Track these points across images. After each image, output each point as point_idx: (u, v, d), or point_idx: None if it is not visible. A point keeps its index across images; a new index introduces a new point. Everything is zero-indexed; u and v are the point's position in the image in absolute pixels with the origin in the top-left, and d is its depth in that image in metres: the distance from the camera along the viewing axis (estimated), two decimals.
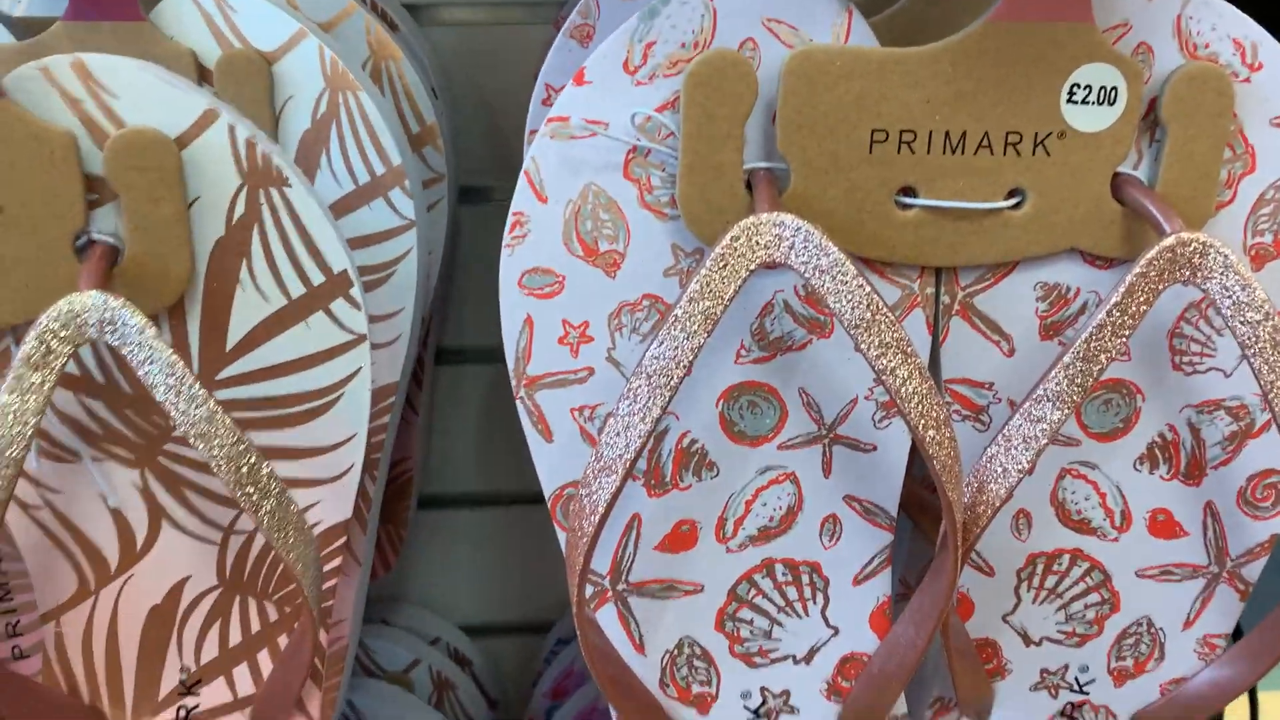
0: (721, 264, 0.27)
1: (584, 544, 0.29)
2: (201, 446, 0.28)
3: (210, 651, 0.34)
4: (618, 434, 0.28)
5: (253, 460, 0.28)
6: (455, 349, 0.61)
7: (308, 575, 0.31)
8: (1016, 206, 0.29)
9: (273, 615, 0.34)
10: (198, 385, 0.28)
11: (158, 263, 0.30)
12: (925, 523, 0.36)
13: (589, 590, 0.32)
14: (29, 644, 0.35)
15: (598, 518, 0.28)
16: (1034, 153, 0.29)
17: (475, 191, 0.57)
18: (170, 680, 0.34)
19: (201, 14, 0.36)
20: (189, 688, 0.34)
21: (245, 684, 0.34)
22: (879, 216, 0.29)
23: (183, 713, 0.34)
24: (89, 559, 0.33)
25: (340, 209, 0.36)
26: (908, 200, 0.29)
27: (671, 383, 0.27)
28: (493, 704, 0.64)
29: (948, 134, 0.29)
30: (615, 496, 0.28)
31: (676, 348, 0.27)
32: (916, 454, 0.33)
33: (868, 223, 0.29)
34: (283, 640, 0.34)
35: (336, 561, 0.33)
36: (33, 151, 0.28)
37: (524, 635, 0.67)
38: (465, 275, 0.58)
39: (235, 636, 0.34)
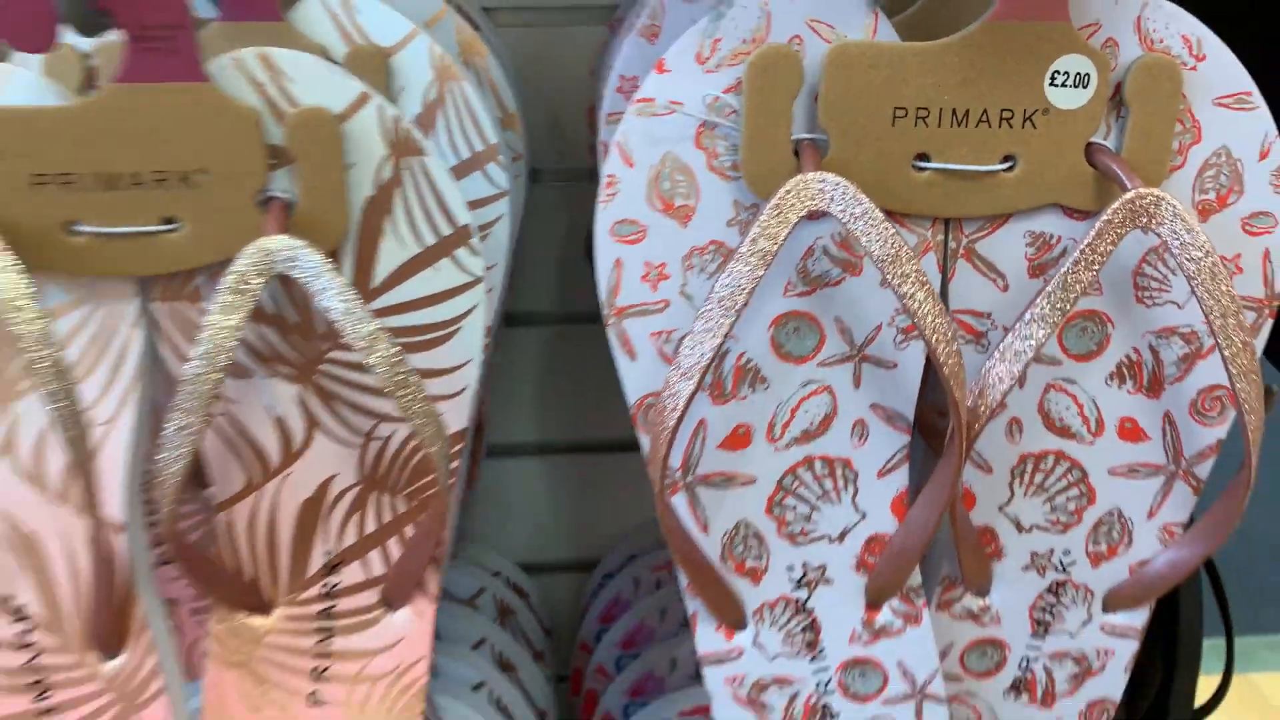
0: (776, 212, 0.34)
1: (664, 438, 0.36)
2: (367, 358, 0.35)
3: (350, 538, 0.41)
4: (693, 347, 0.35)
5: (405, 369, 0.36)
6: (509, 313, 0.69)
7: (442, 468, 0.38)
8: (1009, 169, 0.37)
9: (401, 508, 0.41)
10: (364, 308, 0.35)
11: (322, 216, 0.37)
12: (934, 442, 0.43)
13: (654, 484, 0.39)
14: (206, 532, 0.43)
15: (676, 415, 0.36)
16: (1023, 126, 0.36)
17: (530, 172, 0.64)
18: (317, 561, 0.41)
19: (330, 15, 0.43)
20: (332, 568, 0.42)
21: (377, 566, 0.42)
22: (899, 177, 0.36)
23: (326, 589, 0.42)
24: (256, 459, 0.40)
25: None
26: (922, 164, 0.36)
27: (737, 306, 0.35)
28: (547, 631, 0.71)
29: (954, 111, 0.36)
30: (691, 398, 0.35)
31: (740, 279, 0.35)
32: (928, 382, 0.40)
33: (890, 182, 0.36)
34: (408, 530, 0.42)
35: (457, 463, 0.41)
36: (229, 125, 0.36)
37: (573, 572, 0.75)
38: (519, 247, 0.66)
39: (370, 525, 0.41)
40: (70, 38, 0.43)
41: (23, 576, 0.38)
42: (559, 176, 0.66)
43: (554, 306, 0.69)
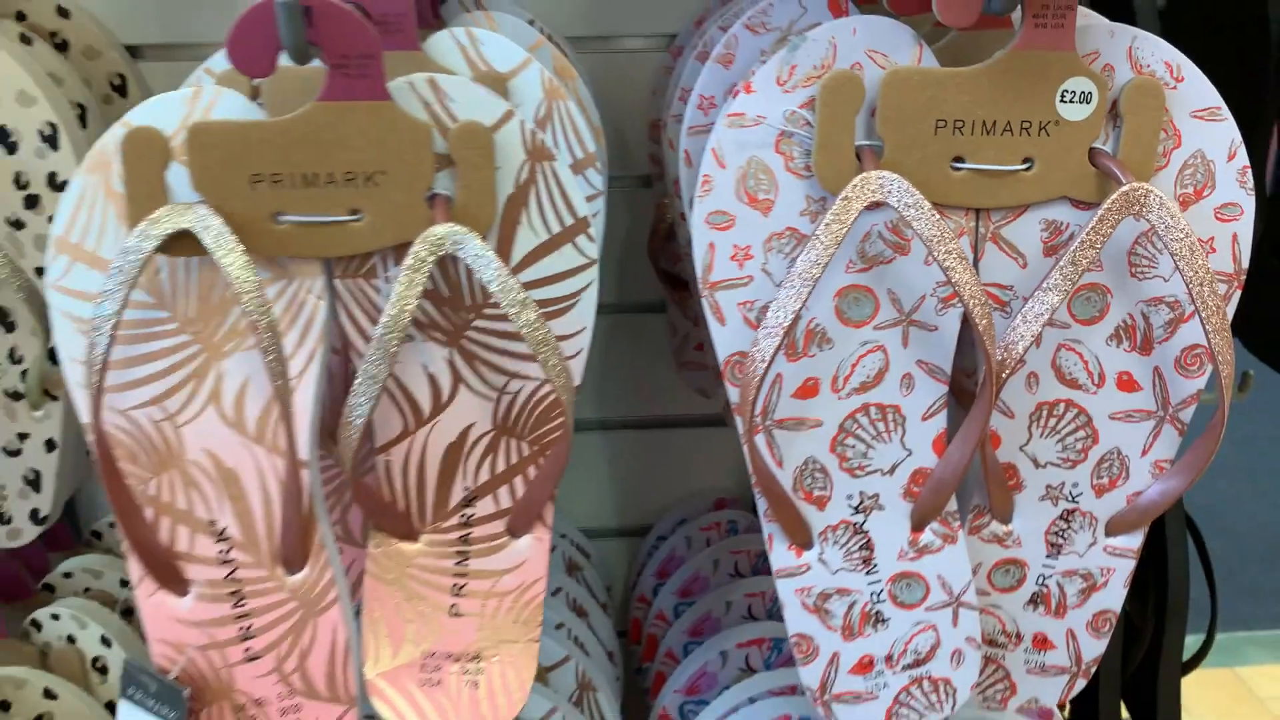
0: (845, 203, 0.43)
1: (753, 385, 0.45)
2: (516, 321, 0.44)
3: (484, 476, 0.50)
4: (779, 310, 0.44)
5: (545, 330, 0.45)
6: None
7: (570, 414, 0.47)
8: (1028, 169, 0.46)
9: (525, 452, 0.50)
10: (515, 281, 0.44)
11: (475, 209, 0.46)
12: (963, 399, 0.52)
13: (743, 427, 0.48)
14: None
15: (765, 365, 0.44)
16: (1039, 134, 0.45)
17: None
18: (457, 496, 0.50)
19: (459, 46, 0.52)
20: (468, 501, 0.50)
21: (505, 500, 0.50)
22: (940, 176, 0.45)
23: (464, 519, 0.50)
24: (411, 409, 0.49)
25: None
26: (958, 165, 0.45)
27: (814, 276, 0.43)
28: (607, 587, 0.80)
29: (984, 122, 0.45)
30: (776, 352, 0.44)
31: (817, 255, 0.43)
32: (960, 348, 0.49)
33: (933, 180, 0.45)
34: (530, 470, 0.50)
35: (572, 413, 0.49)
36: (405, 135, 0.44)
37: (626, 537, 0.84)
38: None
39: (500, 466, 0.50)
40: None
41: (225, 505, 0.47)
42: (623, 183, 0.75)
43: (614, 298, 0.78)
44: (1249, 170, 0.47)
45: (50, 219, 0.61)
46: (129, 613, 0.72)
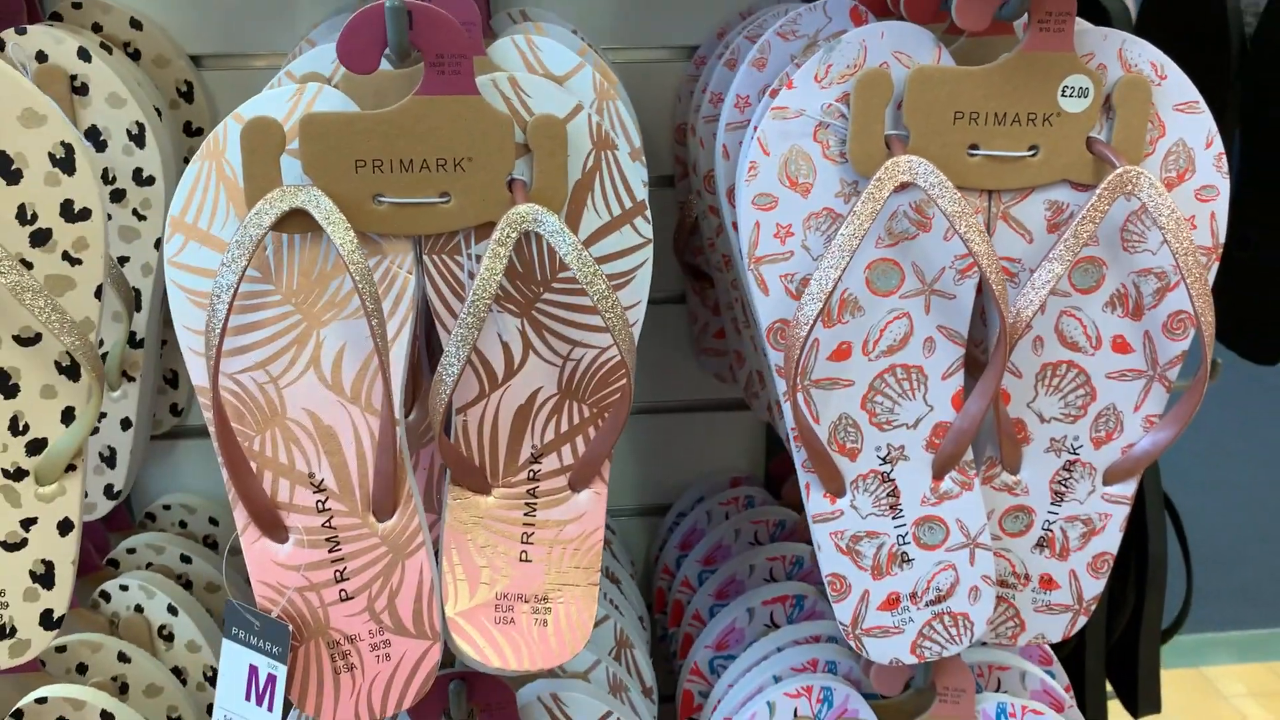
0: (879, 183, 0.49)
1: (797, 346, 0.51)
2: (589, 290, 0.50)
3: (549, 435, 0.55)
4: (821, 278, 0.50)
5: (614, 297, 0.50)
6: None
7: (631, 374, 0.52)
8: (1034, 155, 0.52)
9: (586, 414, 0.55)
10: (588, 254, 0.49)
11: (549, 192, 0.51)
12: (974, 370, 0.58)
13: (785, 386, 0.54)
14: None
15: (808, 327, 0.50)
16: (1043, 124, 0.52)
17: None
18: (525, 453, 0.55)
19: (518, 51, 0.58)
20: (536, 458, 0.55)
21: (568, 457, 0.56)
22: (958, 161, 0.52)
23: (531, 475, 0.56)
24: (486, 374, 0.54)
25: None
26: (973, 152, 0.52)
27: (852, 247, 0.49)
28: (631, 561, 0.85)
29: (996, 114, 0.51)
30: (818, 316, 0.50)
31: (854, 229, 0.49)
32: (971, 320, 0.55)
33: (952, 165, 0.51)
34: (590, 431, 0.56)
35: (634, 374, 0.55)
36: (491, 126, 0.50)
37: (648, 516, 0.89)
38: None
39: (564, 426, 0.55)
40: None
41: (322, 459, 0.52)
42: (650, 184, 0.81)
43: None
44: (1224, 156, 0.53)
45: (135, 211, 0.66)
46: (189, 586, 0.77)
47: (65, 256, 0.51)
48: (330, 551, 0.53)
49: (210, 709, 0.72)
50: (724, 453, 0.88)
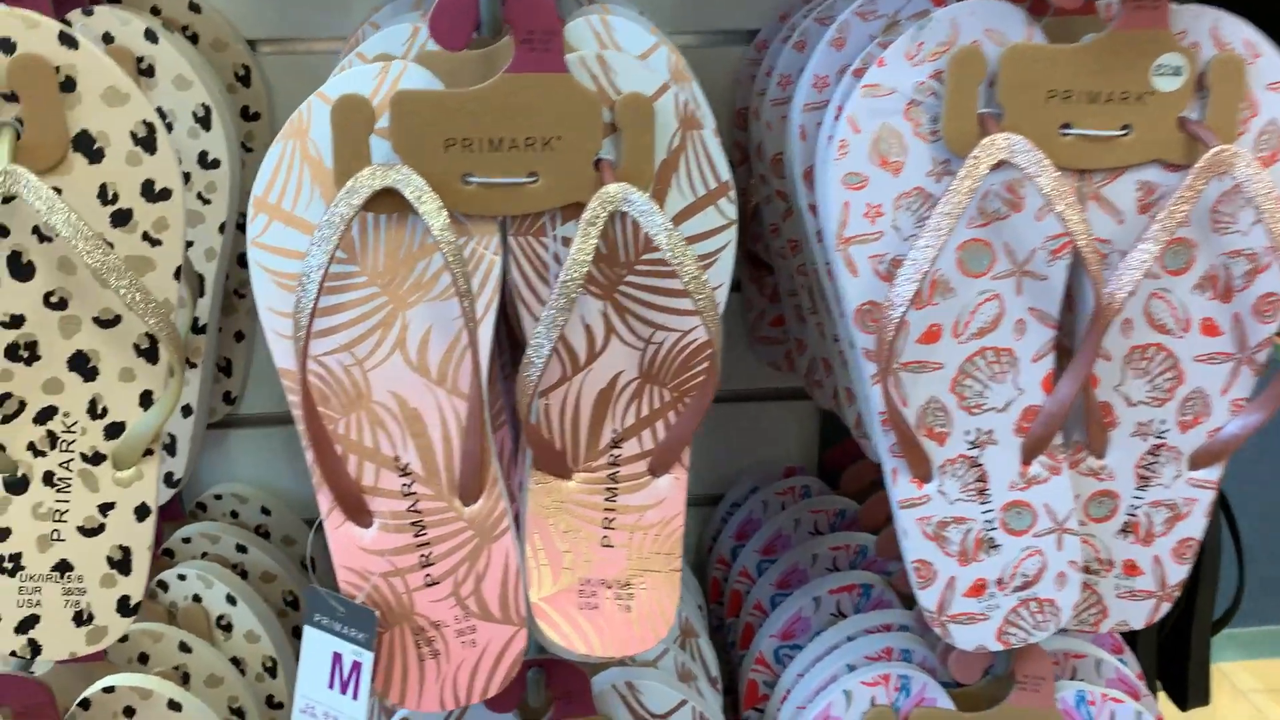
0: (976, 162, 0.49)
1: (890, 328, 0.50)
2: (680, 272, 0.49)
3: (629, 420, 0.55)
4: (917, 257, 0.49)
5: (703, 276, 0.49)
6: None
7: (718, 355, 0.52)
8: (1125, 134, 0.51)
9: (667, 398, 0.55)
10: (678, 232, 0.49)
11: (635, 172, 0.50)
12: (1064, 360, 0.57)
13: (873, 369, 0.53)
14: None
15: (901, 308, 0.50)
16: (1135, 103, 0.51)
17: None
18: (606, 438, 0.54)
19: (594, 32, 0.57)
20: (616, 443, 0.55)
21: (648, 442, 0.55)
22: (1050, 140, 0.51)
23: (612, 459, 0.55)
24: (569, 358, 0.53)
25: None
26: (1066, 131, 0.51)
27: (949, 226, 0.49)
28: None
29: (1089, 92, 0.51)
30: (913, 297, 0.49)
31: (951, 207, 0.49)
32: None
33: (1044, 144, 0.51)
34: (670, 416, 0.55)
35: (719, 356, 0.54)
36: (580, 105, 0.49)
37: (700, 506, 0.88)
38: None
39: (645, 411, 0.55)
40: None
41: (408, 442, 0.51)
42: None
43: None
44: None
45: (199, 195, 0.66)
46: (245, 575, 0.76)
47: (145, 237, 0.50)
48: (416, 536, 0.52)
49: (270, 700, 0.72)
50: (776, 442, 0.87)
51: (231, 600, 0.71)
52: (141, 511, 0.53)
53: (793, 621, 0.70)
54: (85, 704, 0.62)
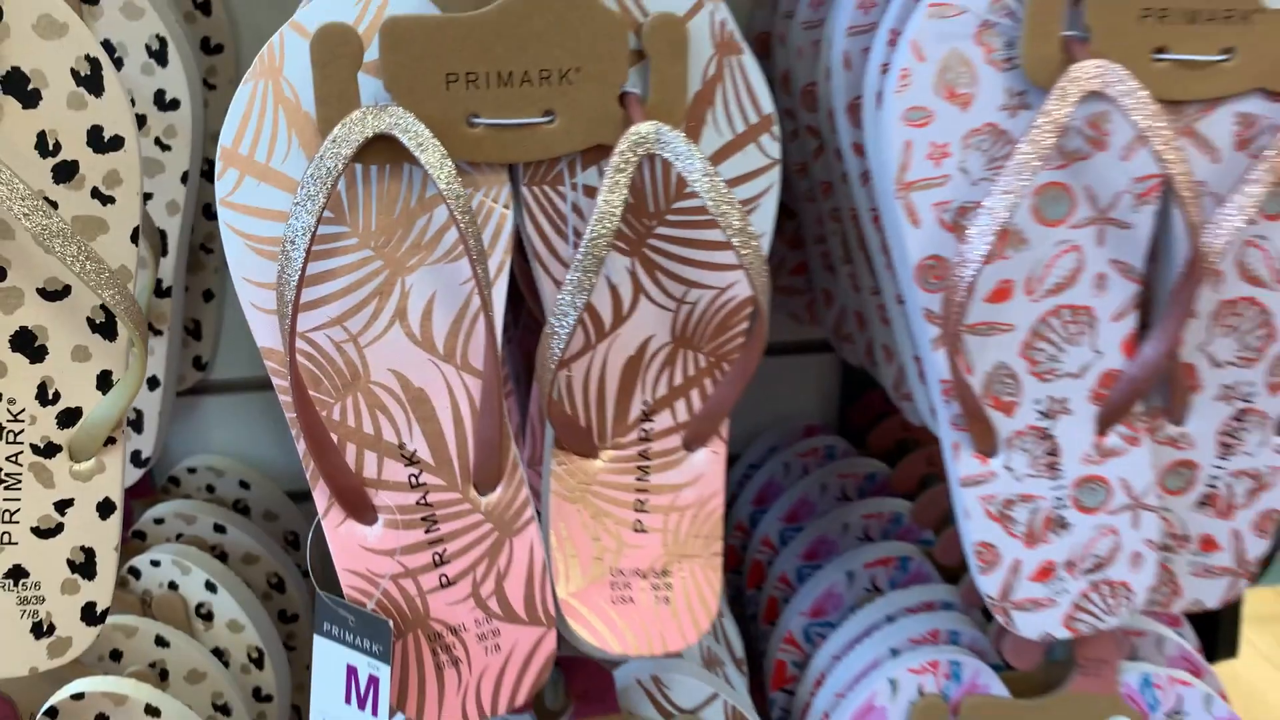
0: (1063, 92, 0.42)
1: (962, 287, 0.44)
2: (722, 222, 0.42)
3: (661, 390, 0.48)
4: (993, 207, 0.43)
5: (747, 223, 0.43)
6: None
7: (765, 313, 0.45)
8: (1227, 60, 0.45)
9: (702, 364, 0.48)
10: (718, 174, 0.42)
11: (666, 107, 0.44)
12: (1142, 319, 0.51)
13: (935, 333, 0.47)
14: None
15: (976, 265, 0.43)
16: (1240, 22, 0.44)
17: None
18: (635, 410, 0.48)
19: None
20: (647, 416, 0.49)
21: (683, 413, 0.49)
22: (1142, 66, 0.44)
23: (643, 434, 0.49)
24: (593, 322, 0.47)
25: None
26: (1159, 56, 0.44)
27: (1033, 169, 0.42)
28: None
29: (1188, 11, 0.44)
30: (989, 253, 0.43)
31: (1034, 147, 0.42)
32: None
33: (1134, 72, 0.44)
34: (706, 384, 0.49)
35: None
36: (601, 29, 0.42)
37: None
38: None
39: (678, 379, 0.48)
40: None
41: (414, 427, 0.45)
42: None
43: None
44: None
45: (157, 141, 0.58)
46: (224, 558, 0.70)
47: (95, 194, 0.43)
48: (427, 532, 0.46)
49: (258, 693, 0.66)
50: (795, 398, 0.81)
51: (211, 587, 0.64)
52: (105, 508, 0.46)
53: (824, 598, 0.65)
54: (52, 712, 0.56)
